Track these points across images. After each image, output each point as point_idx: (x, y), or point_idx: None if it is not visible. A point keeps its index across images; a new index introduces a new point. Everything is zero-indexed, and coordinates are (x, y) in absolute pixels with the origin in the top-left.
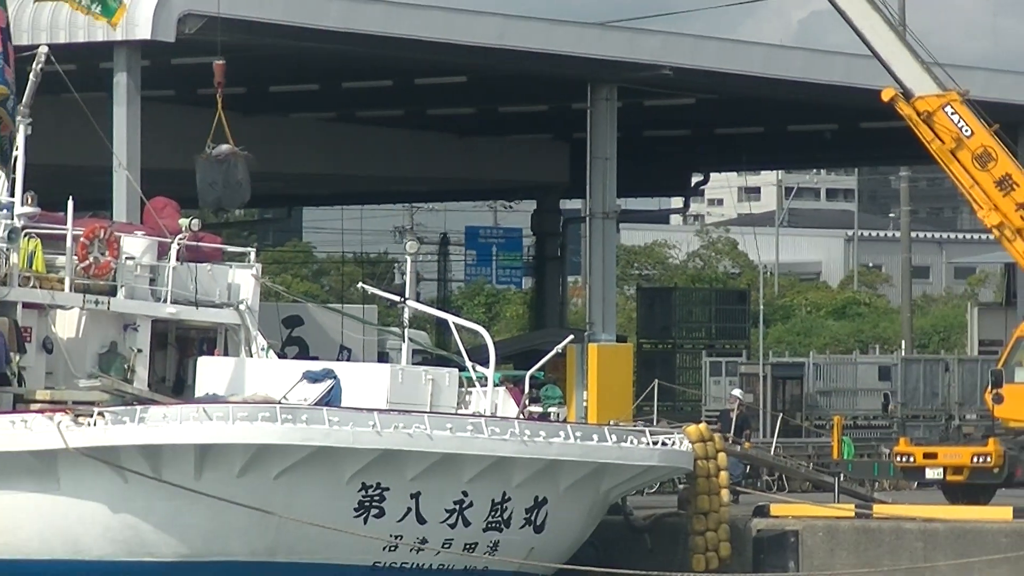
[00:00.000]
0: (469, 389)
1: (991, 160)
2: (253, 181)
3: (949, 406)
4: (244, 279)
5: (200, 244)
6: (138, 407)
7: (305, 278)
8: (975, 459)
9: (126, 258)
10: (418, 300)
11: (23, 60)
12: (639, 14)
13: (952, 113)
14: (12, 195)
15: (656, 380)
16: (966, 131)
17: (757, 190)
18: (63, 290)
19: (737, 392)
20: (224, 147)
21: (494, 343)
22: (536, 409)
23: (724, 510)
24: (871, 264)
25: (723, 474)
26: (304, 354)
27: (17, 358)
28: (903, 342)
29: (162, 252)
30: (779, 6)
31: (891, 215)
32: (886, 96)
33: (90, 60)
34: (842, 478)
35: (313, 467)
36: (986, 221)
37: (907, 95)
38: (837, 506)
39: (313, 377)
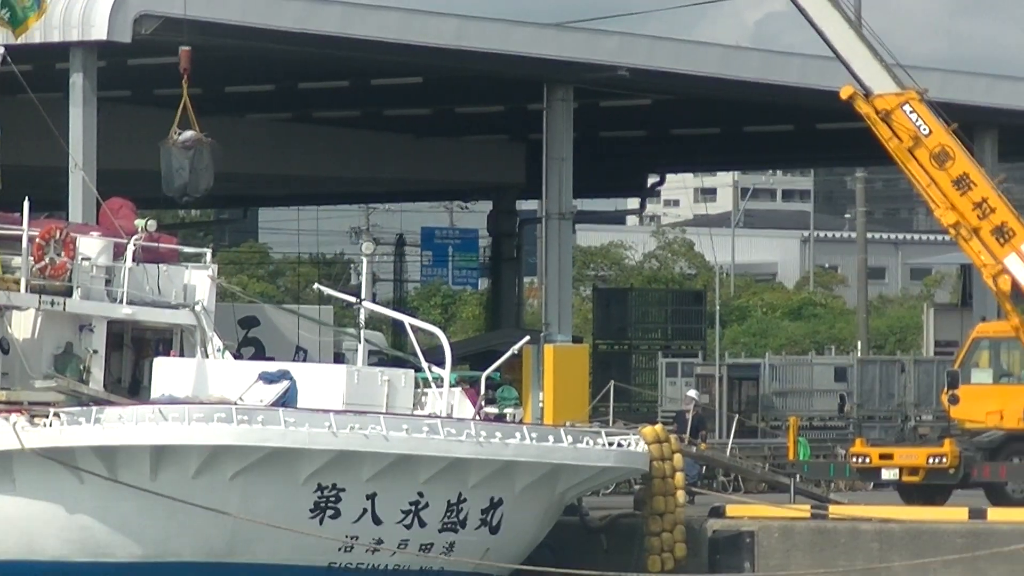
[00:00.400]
0: (425, 390)
1: (949, 159)
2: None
3: (905, 407)
4: (200, 280)
5: (156, 245)
6: (94, 408)
7: (261, 279)
8: (931, 460)
9: (82, 259)
10: (374, 301)
11: None
12: (595, 15)
13: (910, 112)
14: None
15: (612, 381)
16: (924, 130)
17: (713, 191)
18: (19, 291)
19: (692, 393)
20: (190, 133)
21: (450, 344)
22: (492, 410)
23: (680, 511)
24: (827, 265)
25: (679, 475)
26: (260, 355)
27: None
28: (859, 343)
29: (118, 253)
30: (735, 7)
31: (847, 216)
32: (844, 94)
33: (46, 61)
34: (798, 479)
35: (269, 468)
36: (942, 220)
37: (866, 93)
38: (793, 507)
39: (269, 378)
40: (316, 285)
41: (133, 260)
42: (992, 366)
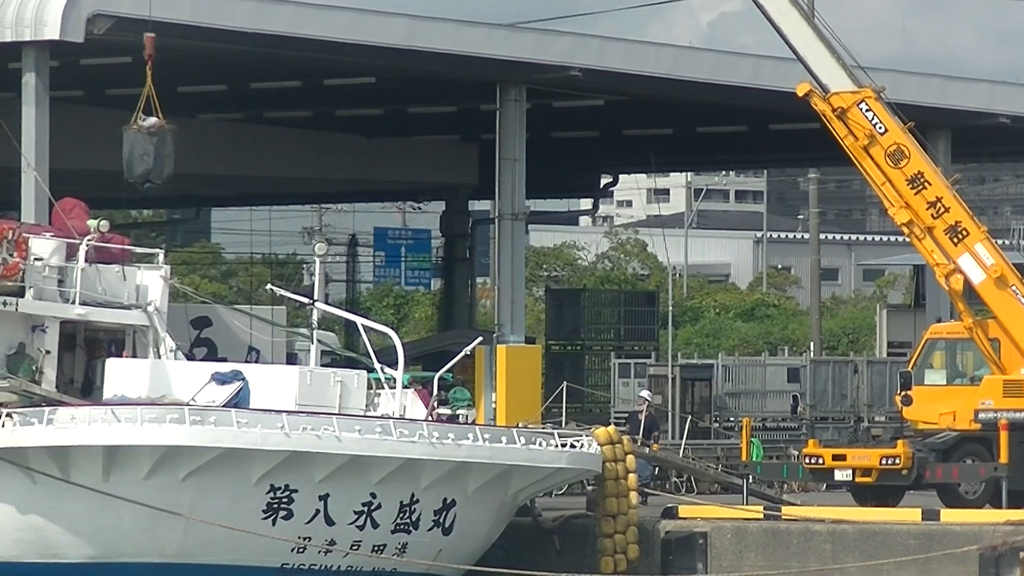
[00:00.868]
0: (378, 391)
1: (904, 158)
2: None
3: (858, 408)
4: (153, 280)
5: (109, 245)
6: (46, 408)
7: (213, 279)
8: (884, 461)
9: (34, 259)
10: (327, 301)
11: None
12: (548, 16)
13: (866, 110)
14: None
15: (565, 382)
16: (880, 128)
17: (666, 191)
18: None
19: (645, 394)
20: (154, 120)
21: (403, 345)
22: (445, 411)
23: (633, 512)
24: (780, 266)
25: (632, 476)
26: (212, 355)
27: None
28: (812, 344)
29: (70, 253)
30: (689, 8)
31: (800, 217)
32: (801, 91)
33: None
34: (751, 480)
35: (221, 468)
36: (896, 219)
37: (823, 91)
38: (746, 508)
39: (222, 379)
40: (269, 286)
41: (86, 260)
42: (945, 367)
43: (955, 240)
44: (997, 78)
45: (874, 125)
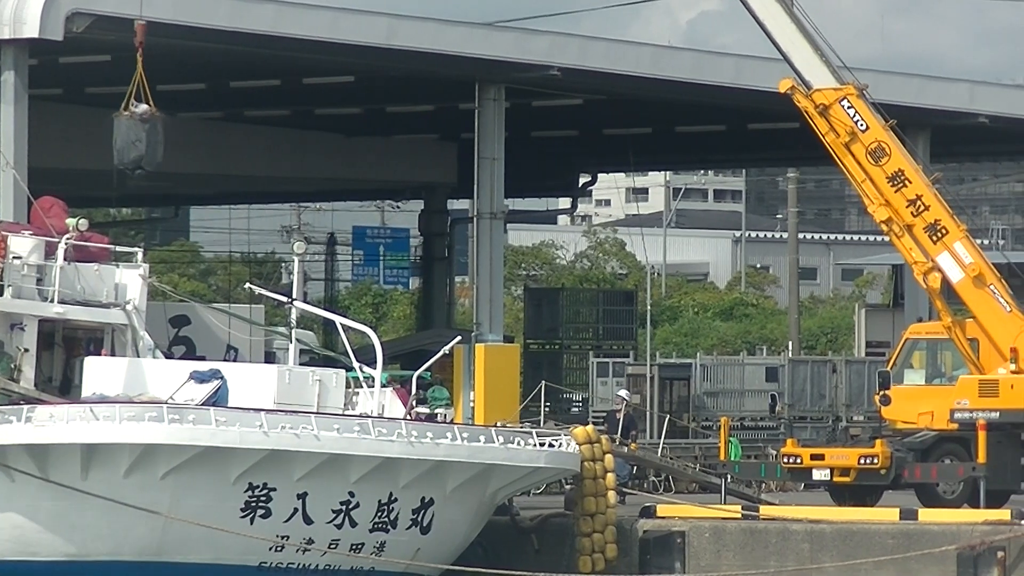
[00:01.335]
0: (356, 390)
1: (884, 156)
2: (140, 180)
3: (836, 407)
4: (131, 279)
5: (87, 244)
6: (25, 407)
7: (192, 278)
8: (862, 460)
9: (13, 257)
10: (305, 300)
11: None
12: (527, 15)
13: (848, 107)
14: None
15: (543, 381)
16: (861, 125)
17: (645, 191)
18: None
19: (623, 393)
20: (145, 106)
21: (381, 343)
22: (423, 410)
23: (611, 511)
24: (758, 265)
25: (610, 476)
26: (191, 354)
27: None
28: (790, 343)
29: (49, 252)
30: (668, 7)
31: (778, 216)
32: (783, 87)
33: None
34: (729, 479)
35: (200, 467)
36: (875, 216)
37: (805, 87)
38: (724, 507)
39: (200, 377)
40: (248, 284)
41: (65, 259)
42: (924, 367)
43: (934, 238)
44: (977, 78)
45: (856, 122)
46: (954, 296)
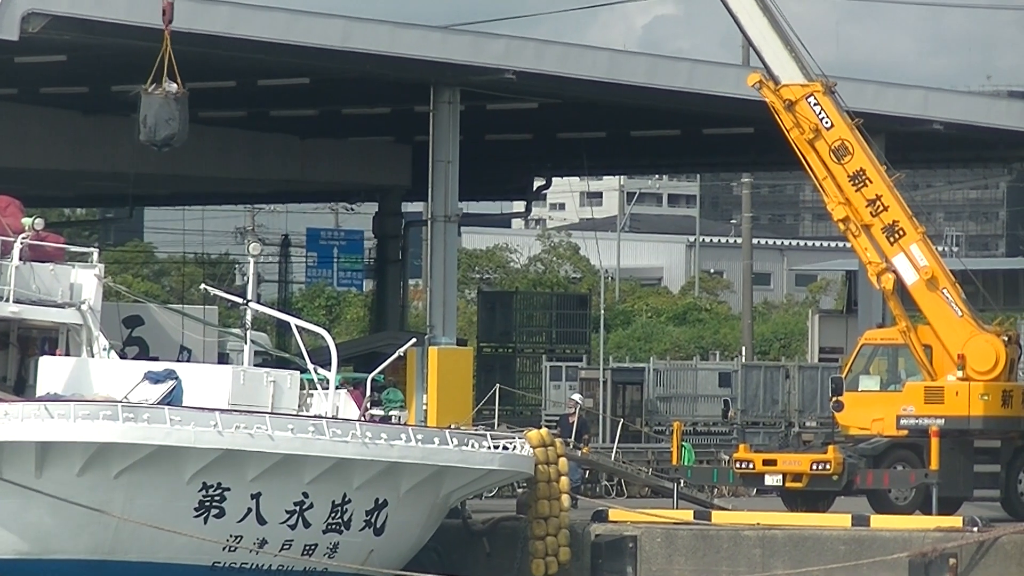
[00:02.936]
0: (310, 391)
1: (847, 154)
2: (95, 180)
3: (789, 413)
4: (86, 279)
5: (43, 243)
6: None
7: (146, 278)
8: (814, 466)
9: None
10: (259, 301)
11: None
12: (483, 18)
13: (814, 104)
14: None
15: (497, 384)
16: (826, 123)
17: (599, 195)
18: None
19: (576, 397)
20: (175, 84)
21: (335, 345)
22: (378, 412)
23: (564, 515)
24: (712, 270)
25: (563, 479)
26: (144, 354)
27: None
28: (743, 348)
29: (4, 251)
30: (623, 11)
31: (732, 221)
32: (751, 81)
33: None
34: (681, 484)
35: (154, 466)
36: (833, 214)
37: (774, 82)
38: (676, 512)
39: (155, 378)
40: (202, 285)
41: (20, 258)
42: (879, 373)
43: (891, 239)
44: (933, 84)
45: (821, 119)
46: (909, 300)
